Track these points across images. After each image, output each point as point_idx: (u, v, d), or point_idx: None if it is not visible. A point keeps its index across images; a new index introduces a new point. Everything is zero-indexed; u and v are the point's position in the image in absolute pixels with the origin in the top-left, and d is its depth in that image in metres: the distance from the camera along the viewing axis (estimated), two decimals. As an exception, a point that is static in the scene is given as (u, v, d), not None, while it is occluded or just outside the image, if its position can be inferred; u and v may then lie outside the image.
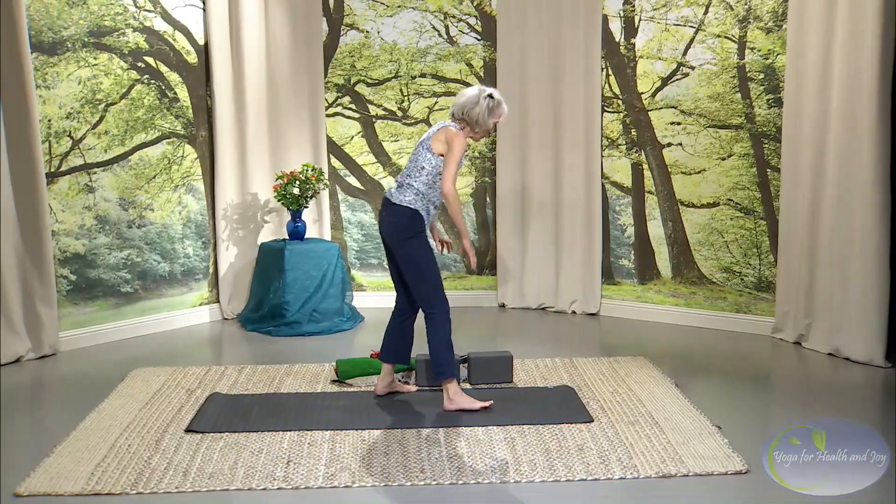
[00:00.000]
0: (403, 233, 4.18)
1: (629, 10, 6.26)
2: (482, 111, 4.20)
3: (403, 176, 4.25)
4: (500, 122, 4.34)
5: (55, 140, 5.45)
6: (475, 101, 4.20)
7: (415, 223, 4.18)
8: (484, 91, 4.23)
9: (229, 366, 5.10)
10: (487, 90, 4.25)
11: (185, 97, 6.18)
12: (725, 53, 5.86)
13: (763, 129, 5.76)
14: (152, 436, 3.92)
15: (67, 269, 5.57)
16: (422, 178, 4.17)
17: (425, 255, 4.20)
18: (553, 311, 6.72)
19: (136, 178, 5.91)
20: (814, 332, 5.45)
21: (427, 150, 4.19)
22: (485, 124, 4.24)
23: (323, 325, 6.03)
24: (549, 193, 6.66)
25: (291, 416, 4.16)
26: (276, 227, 6.66)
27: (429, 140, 4.21)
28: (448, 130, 4.18)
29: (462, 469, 3.53)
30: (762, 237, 5.85)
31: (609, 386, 4.64)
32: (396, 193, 4.22)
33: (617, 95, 6.40)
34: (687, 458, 3.60)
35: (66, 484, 3.39)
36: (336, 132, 6.89)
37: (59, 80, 5.45)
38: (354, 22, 6.77)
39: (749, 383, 4.79)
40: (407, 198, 4.18)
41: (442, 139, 4.17)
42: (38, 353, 5.33)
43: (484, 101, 4.21)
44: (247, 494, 3.35)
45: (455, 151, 4.11)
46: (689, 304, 6.21)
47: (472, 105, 4.20)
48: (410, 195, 4.18)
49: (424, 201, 4.19)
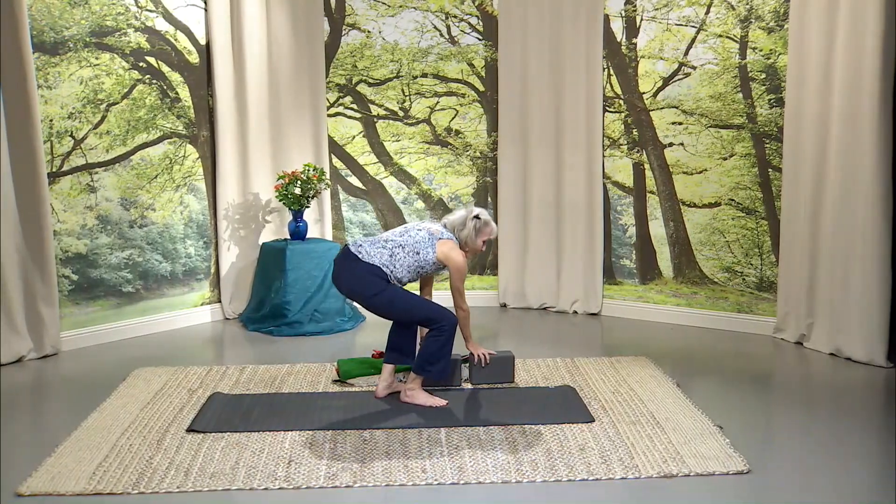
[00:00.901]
0: (368, 291, 4.20)
1: (630, 9, 6.26)
2: (469, 233, 4.40)
3: (384, 241, 4.30)
4: (490, 239, 4.49)
5: (57, 140, 5.46)
6: (462, 224, 4.40)
7: (380, 282, 4.20)
8: (472, 212, 4.42)
9: (231, 366, 5.11)
10: (475, 211, 4.44)
11: (187, 97, 6.19)
12: (727, 53, 5.86)
13: (764, 129, 5.76)
14: (154, 436, 3.93)
15: (69, 268, 5.58)
16: (408, 259, 4.25)
17: (400, 298, 4.22)
18: (554, 311, 6.72)
19: (137, 177, 5.91)
20: (815, 332, 5.45)
21: (432, 246, 4.28)
22: (473, 244, 4.42)
23: (324, 325, 6.03)
24: (550, 193, 6.66)
25: (293, 416, 4.16)
26: (277, 227, 6.66)
27: (436, 240, 4.32)
28: (452, 245, 4.33)
29: (463, 469, 3.53)
30: (763, 237, 5.85)
31: (610, 386, 4.64)
32: (367, 252, 4.24)
33: (618, 95, 6.39)
34: (688, 458, 3.60)
35: (67, 483, 3.39)
36: (337, 132, 6.89)
37: (61, 80, 5.46)
38: (356, 22, 6.78)
39: (750, 383, 4.79)
40: (376, 260, 4.22)
41: (445, 250, 4.30)
42: (39, 352, 5.33)
43: (471, 223, 4.39)
44: (248, 494, 3.35)
45: (462, 269, 4.31)
46: (691, 304, 6.21)
47: (461, 227, 4.41)
48: (384, 260, 4.23)
49: (391, 272, 4.23)
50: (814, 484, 3.40)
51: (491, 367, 4.69)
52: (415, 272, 4.31)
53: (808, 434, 3.99)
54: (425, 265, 4.30)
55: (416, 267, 4.28)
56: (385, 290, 4.20)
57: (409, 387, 4.35)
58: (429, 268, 4.32)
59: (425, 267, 4.31)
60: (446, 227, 4.44)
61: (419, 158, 6.91)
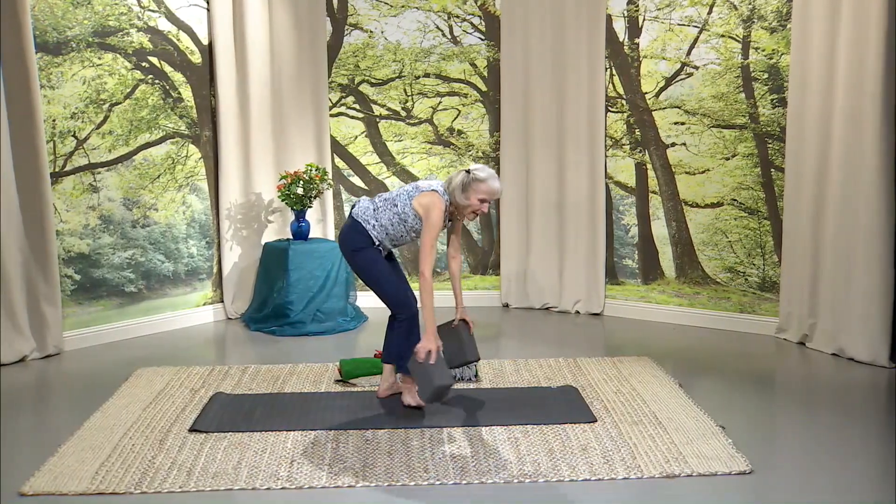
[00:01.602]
0: (349, 246, 4.15)
1: (633, 9, 6.25)
2: (456, 188, 4.03)
3: (377, 197, 4.21)
4: (485, 199, 4.03)
5: (60, 140, 5.46)
6: (454, 176, 4.07)
7: (363, 239, 4.12)
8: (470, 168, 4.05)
9: (233, 365, 5.11)
10: (472, 166, 4.06)
11: (189, 97, 6.19)
12: (729, 53, 5.85)
13: (767, 128, 5.75)
14: (156, 435, 3.93)
15: (72, 268, 5.58)
16: (388, 213, 4.09)
17: (375, 267, 4.12)
18: (556, 311, 6.72)
19: (140, 177, 5.92)
20: (818, 333, 5.44)
21: (410, 198, 4.08)
22: (461, 201, 4.04)
23: (326, 325, 6.04)
24: (552, 193, 6.66)
25: (295, 416, 4.16)
26: (279, 227, 6.67)
27: (416, 192, 4.09)
28: (433, 196, 4.03)
29: (466, 469, 3.53)
30: (766, 237, 5.84)
31: (612, 386, 4.64)
32: (359, 207, 4.18)
33: (621, 95, 6.39)
34: (690, 459, 3.60)
35: (70, 483, 3.40)
36: (340, 132, 6.89)
37: (64, 81, 5.46)
38: (358, 22, 6.78)
39: (753, 383, 4.79)
40: (369, 220, 4.12)
41: (425, 202, 4.02)
42: (42, 352, 5.34)
43: (458, 176, 4.04)
44: (250, 494, 3.35)
45: (432, 223, 3.96)
46: (693, 304, 6.21)
47: (452, 179, 4.07)
48: (368, 216, 4.13)
49: (373, 227, 4.12)
50: (816, 484, 3.40)
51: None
52: (398, 228, 4.10)
53: (810, 434, 3.99)
54: (406, 218, 4.07)
55: (397, 222, 4.08)
56: (365, 251, 4.09)
57: (403, 387, 4.34)
58: (410, 221, 4.07)
59: (407, 221, 4.08)
60: (446, 185, 4.14)
61: (421, 158, 6.91)
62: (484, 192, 4.01)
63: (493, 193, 4.04)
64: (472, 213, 4.10)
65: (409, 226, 4.11)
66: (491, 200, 4.08)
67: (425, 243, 3.97)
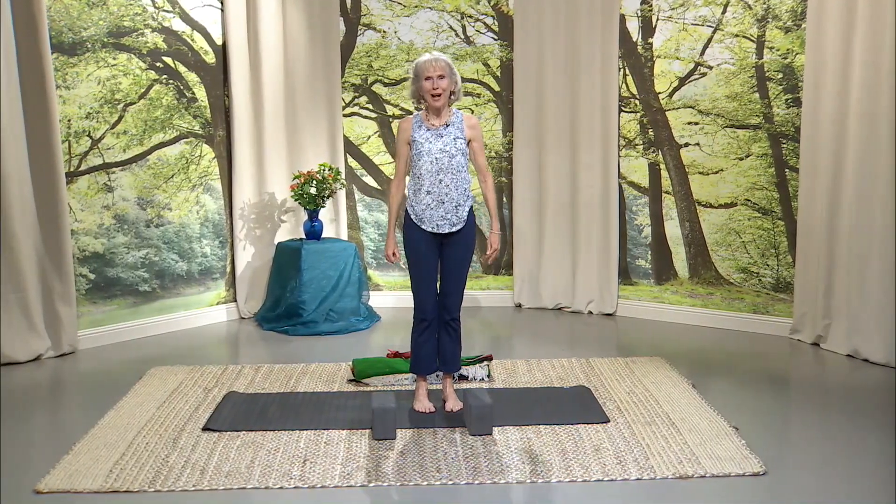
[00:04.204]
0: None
1: (646, 9, 6.24)
2: (410, 85, 4.21)
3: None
4: (429, 76, 4.03)
5: (75, 140, 5.50)
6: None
7: (406, 220, 4.16)
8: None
9: (246, 365, 5.13)
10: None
11: (203, 97, 6.21)
12: (743, 53, 5.83)
13: (781, 129, 5.73)
14: (170, 434, 3.95)
15: (86, 267, 5.61)
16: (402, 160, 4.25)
17: (408, 255, 4.16)
18: (569, 312, 6.71)
19: (154, 177, 5.95)
20: (832, 334, 5.41)
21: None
22: (418, 93, 4.16)
23: (339, 325, 6.05)
24: (565, 193, 6.65)
25: (308, 416, 4.17)
26: (292, 227, 6.68)
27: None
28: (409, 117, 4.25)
29: (478, 469, 3.53)
30: (780, 238, 5.81)
31: (625, 386, 4.63)
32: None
33: (634, 95, 6.38)
34: (704, 460, 3.59)
35: (84, 481, 3.42)
36: (353, 132, 6.91)
37: (79, 81, 5.50)
38: (371, 22, 6.79)
39: (767, 384, 4.77)
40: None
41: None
42: (57, 351, 5.37)
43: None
44: (263, 493, 3.36)
45: (396, 131, 4.08)
46: (707, 304, 6.18)
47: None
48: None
49: (410, 192, 4.16)
50: (830, 486, 3.38)
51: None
52: (410, 169, 4.17)
53: (824, 435, 3.97)
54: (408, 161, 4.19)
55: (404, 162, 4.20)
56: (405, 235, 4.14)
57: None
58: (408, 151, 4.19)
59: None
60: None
61: (434, 158, 6.90)
62: (419, 72, 4.07)
63: (424, 70, 4.04)
64: (432, 97, 4.09)
65: (411, 161, 4.22)
66: (435, 76, 4.04)
67: (395, 150, 4.28)
